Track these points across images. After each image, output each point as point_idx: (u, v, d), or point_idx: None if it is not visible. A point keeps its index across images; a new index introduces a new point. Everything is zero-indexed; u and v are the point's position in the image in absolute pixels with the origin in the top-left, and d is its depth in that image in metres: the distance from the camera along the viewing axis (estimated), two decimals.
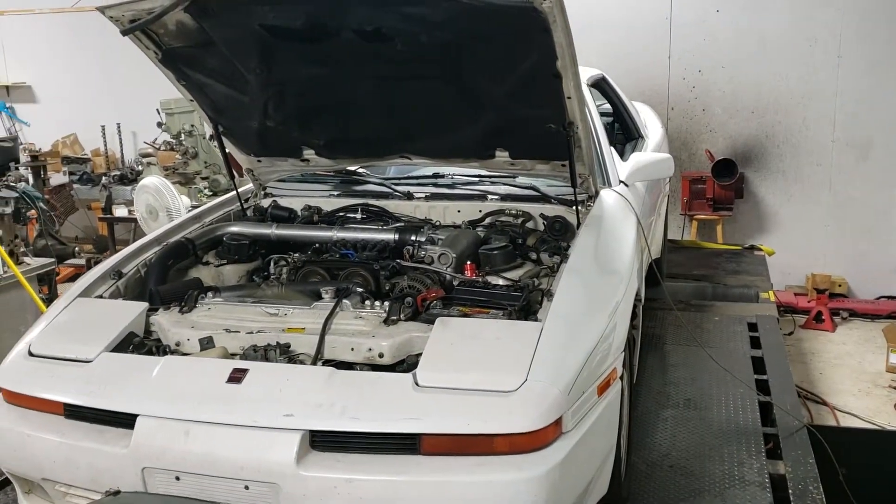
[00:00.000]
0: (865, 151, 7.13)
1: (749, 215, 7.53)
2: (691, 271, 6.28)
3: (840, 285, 7.22)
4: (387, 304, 2.92)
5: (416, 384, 2.48)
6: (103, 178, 8.05)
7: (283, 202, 4.07)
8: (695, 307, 5.45)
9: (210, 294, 3.15)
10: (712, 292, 5.85)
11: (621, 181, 3.97)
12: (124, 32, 3.18)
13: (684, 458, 3.48)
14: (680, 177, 7.38)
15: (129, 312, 3.00)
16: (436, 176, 4.09)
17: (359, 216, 3.88)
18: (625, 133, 5.24)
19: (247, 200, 4.11)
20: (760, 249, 6.97)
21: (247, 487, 2.40)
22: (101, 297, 3.20)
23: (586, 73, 4.60)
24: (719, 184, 7.19)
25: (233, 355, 2.82)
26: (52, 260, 5.58)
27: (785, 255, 7.17)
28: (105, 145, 8.78)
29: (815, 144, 7.24)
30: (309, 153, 3.87)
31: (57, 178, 8.65)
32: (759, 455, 3.49)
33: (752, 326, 5.04)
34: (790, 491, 3.24)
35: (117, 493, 2.45)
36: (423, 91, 3.37)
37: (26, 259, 5.35)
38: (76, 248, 6.66)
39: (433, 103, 3.41)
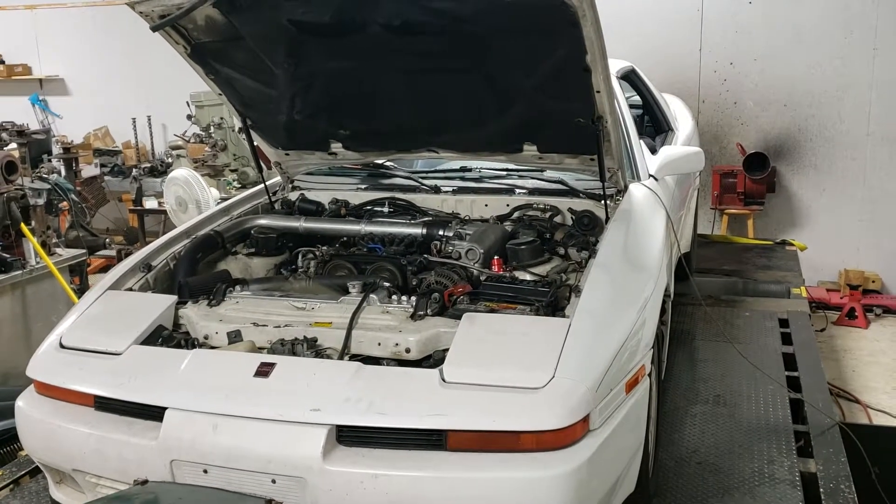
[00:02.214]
0: None
1: (781, 210, 7.45)
2: (721, 266, 6.21)
3: (874, 281, 7.12)
4: (414, 298, 2.91)
5: (443, 380, 2.47)
6: (134, 170, 8.14)
7: (310, 195, 4.07)
8: (725, 302, 5.40)
9: (238, 287, 3.17)
10: (743, 288, 5.79)
11: (651, 175, 3.93)
12: (154, 28, 3.19)
13: (713, 455, 3.45)
14: (711, 171, 7.31)
15: (159, 305, 3.02)
16: (463, 170, 4.07)
17: (386, 210, 3.88)
18: (654, 126, 5.19)
19: (275, 193, 4.12)
20: (792, 244, 6.88)
21: (274, 481, 2.40)
22: (130, 289, 3.22)
23: (616, 65, 4.56)
24: (751, 178, 7.11)
25: (260, 349, 2.82)
26: (84, 251, 5.65)
27: (817, 251, 7.08)
28: (136, 138, 8.87)
29: (850, 138, 7.13)
30: (336, 146, 3.87)
31: (88, 170, 8.76)
32: (790, 453, 3.45)
33: (784, 322, 4.98)
34: (821, 490, 3.20)
35: (145, 482, 2.47)
36: (450, 85, 3.35)
37: (58, 250, 5.42)
38: (107, 240, 6.75)
39: (461, 97, 3.40)
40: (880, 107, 6.99)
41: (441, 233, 3.50)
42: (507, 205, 3.77)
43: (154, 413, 2.56)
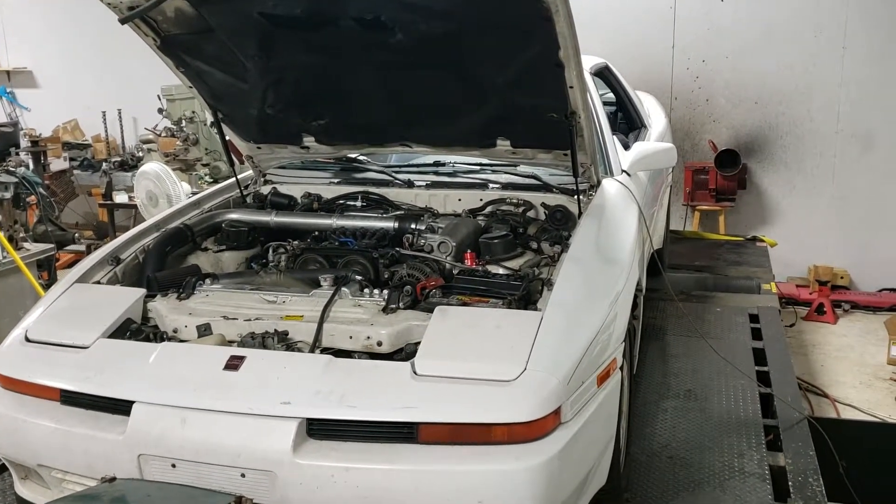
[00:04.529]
0: (869, 143, 7.10)
1: (752, 206, 7.51)
2: (693, 262, 6.26)
3: (842, 277, 7.20)
4: (386, 292, 2.90)
5: (415, 373, 2.46)
6: (104, 164, 8.04)
7: (282, 189, 4.05)
8: (696, 298, 5.43)
9: (208, 281, 3.14)
10: (714, 283, 5.83)
11: (623, 171, 3.95)
12: (122, 20, 3.15)
13: (684, 449, 3.47)
14: (683, 167, 7.35)
15: (127, 298, 2.98)
16: (437, 164, 4.06)
17: (359, 204, 3.86)
18: (628, 122, 5.21)
19: (246, 187, 4.09)
20: (763, 241, 6.95)
21: (243, 475, 2.39)
22: (98, 282, 3.18)
23: (589, 62, 4.57)
24: (722, 174, 7.16)
25: (230, 342, 2.81)
26: (52, 246, 5.57)
27: (787, 247, 7.14)
28: (106, 131, 8.76)
29: (819, 135, 7.21)
30: (309, 140, 3.85)
31: (57, 164, 8.64)
32: (760, 447, 3.49)
33: (754, 318, 5.02)
34: (790, 483, 3.24)
35: (113, 479, 2.43)
36: (424, 79, 3.34)
37: (26, 245, 5.34)
38: (76, 234, 6.65)
39: (434, 91, 3.39)
40: (849, 105, 7.07)
41: (413, 226, 3.49)
42: (481, 199, 3.77)
43: (121, 407, 2.53)
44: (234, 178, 4.07)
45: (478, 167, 3.97)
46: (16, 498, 2.93)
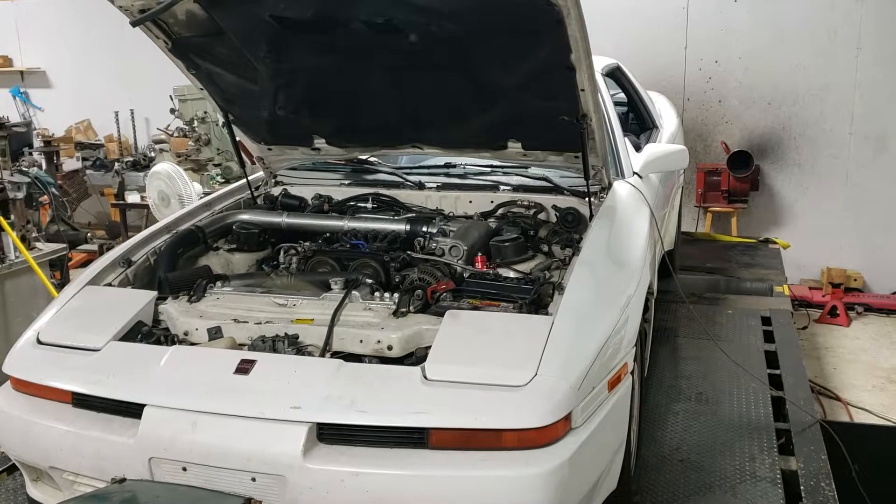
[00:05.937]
0: (883, 144, 7.05)
1: (764, 208, 7.47)
2: (705, 264, 6.23)
3: (855, 279, 7.16)
4: (396, 295, 2.90)
5: (425, 377, 2.46)
6: (116, 164, 8.08)
7: (293, 190, 4.05)
8: (708, 300, 5.41)
9: (219, 283, 3.14)
10: (726, 285, 5.81)
11: (635, 172, 3.93)
12: (134, 23, 3.16)
13: (695, 453, 3.46)
14: (695, 168, 7.32)
15: (138, 301, 2.99)
16: (448, 166, 4.05)
17: (370, 205, 3.86)
18: (639, 123, 5.19)
19: (257, 188, 4.09)
20: (775, 242, 6.91)
21: (253, 479, 2.39)
22: (110, 285, 3.19)
23: (601, 63, 4.55)
24: (734, 176, 7.13)
25: (241, 346, 2.81)
26: (64, 245, 5.59)
27: (800, 249, 7.11)
28: (118, 131, 8.80)
29: (833, 137, 7.17)
30: (320, 142, 3.85)
31: (70, 164, 8.68)
32: (771, 450, 3.47)
33: (766, 320, 5.00)
34: (802, 487, 3.22)
35: (123, 480, 2.44)
36: (434, 81, 3.33)
37: (38, 244, 5.36)
38: (88, 234, 6.69)
39: (445, 93, 3.38)
40: (863, 106, 7.02)
41: (425, 229, 3.49)
42: (492, 201, 3.76)
43: (132, 410, 2.54)
44: (245, 180, 4.07)
45: (489, 169, 3.96)
46: (27, 499, 2.95)
